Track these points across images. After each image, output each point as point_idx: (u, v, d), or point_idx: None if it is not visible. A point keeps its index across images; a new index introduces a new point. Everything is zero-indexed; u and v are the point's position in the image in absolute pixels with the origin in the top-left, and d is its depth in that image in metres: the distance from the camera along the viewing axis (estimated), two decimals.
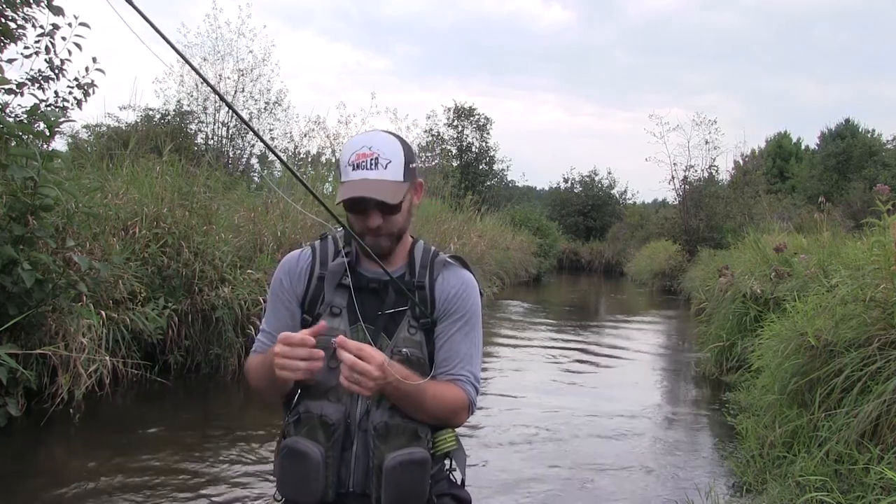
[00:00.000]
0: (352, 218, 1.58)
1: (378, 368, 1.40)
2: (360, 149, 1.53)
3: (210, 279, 6.10)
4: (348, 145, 1.57)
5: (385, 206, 1.52)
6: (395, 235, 1.59)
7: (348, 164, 1.54)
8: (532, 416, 5.59)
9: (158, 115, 15.92)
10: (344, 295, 1.60)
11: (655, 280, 20.64)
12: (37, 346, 4.41)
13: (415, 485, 1.52)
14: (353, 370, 1.38)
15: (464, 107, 32.09)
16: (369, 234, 1.56)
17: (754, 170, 22.98)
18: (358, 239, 1.57)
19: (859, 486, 2.97)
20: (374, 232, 1.55)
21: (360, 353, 1.40)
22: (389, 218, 1.55)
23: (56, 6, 4.97)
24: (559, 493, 4.02)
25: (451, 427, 1.63)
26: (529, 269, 21.47)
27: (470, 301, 1.65)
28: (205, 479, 3.88)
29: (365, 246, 1.56)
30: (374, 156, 1.52)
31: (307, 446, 1.50)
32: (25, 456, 4.14)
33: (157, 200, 6.26)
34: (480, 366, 1.69)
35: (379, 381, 1.41)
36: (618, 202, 37.51)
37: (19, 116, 5.04)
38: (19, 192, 4.38)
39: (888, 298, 3.68)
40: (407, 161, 1.56)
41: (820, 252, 6.18)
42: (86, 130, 11.52)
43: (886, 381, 3.26)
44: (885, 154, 32.78)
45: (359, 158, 1.52)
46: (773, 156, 38.10)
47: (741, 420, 4.90)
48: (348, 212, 1.57)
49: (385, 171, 1.52)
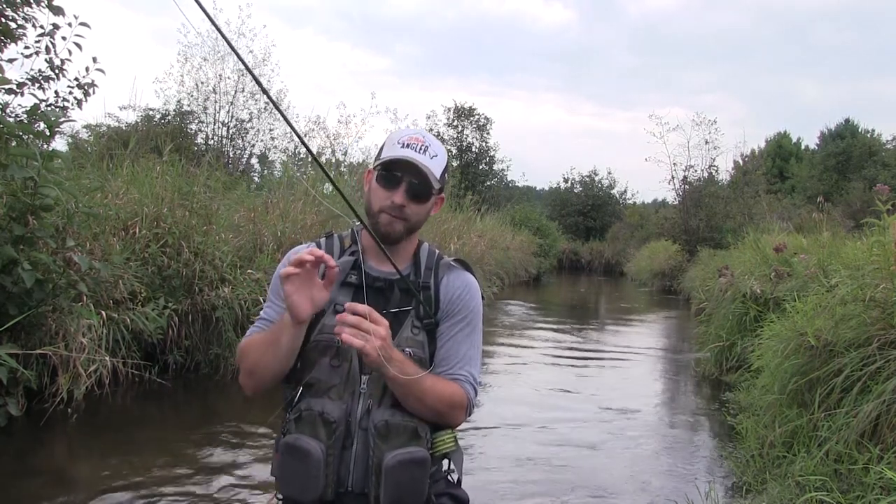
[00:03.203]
0: (379, 192, 1.59)
1: (385, 328, 1.43)
2: (414, 134, 1.62)
3: (210, 279, 6.10)
4: (399, 132, 1.64)
5: (417, 187, 1.57)
6: (409, 227, 1.61)
7: (397, 142, 1.59)
8: (531, 416, 5.59)
9: (158, 115, 15.91)
10: (348, 292, 1.61)
11: (655, 280, 20.65)
12: (37, 346, 4.41)
13: (414, 484, 1.52)
14: (360, 327, 1.40)
15: (464, 107, 32.11)
16: (387, 213, 1.57)
17: (754, 170, 22.95)
18: (370, 231, 1.57)
19: (859, 485, 2.97)
20: (396, 211, 1.57)
21: (370, 314, 1.42)
22: (413, 204, 1.58)
23: (56, 6, 4.97)
24: (558, 492, 4.01)
25: (449, 426, 1.63)
26: (529, 269, 21.47)
27: (473, 303, 1.67)
28: (205, 478, 3.88)
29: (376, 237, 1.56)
30: (425, 144, 1.60)
31: (308, 443, 1.50)
32: (25, 456, 4.14)
33: (157, 200, 6.26)
34: (480, 368, 1.70)
35: (386, 343, 1.42)
36: (618, 202, 37.51)
37: (19, 116, 5.04)
38: (19, 192, 4.38)
39: (888, 298, 3.67)
40: (446, 167, 1.65)
41: (820, 252, 6.18)
42: (86, 130, 11.51)
43: (886, 381, 3.25)
44: (884, 154, 32.79)
45: (410, 140, 1.59)
46: (773, 156, 38.10)
47: (741, 420, 4.90)
48: (379, 182, 1.59)
49: (430, 161, 1.58)
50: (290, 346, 1.52)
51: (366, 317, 1.42)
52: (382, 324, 1.43)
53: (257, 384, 1.61)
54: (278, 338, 1.50)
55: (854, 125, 37.00)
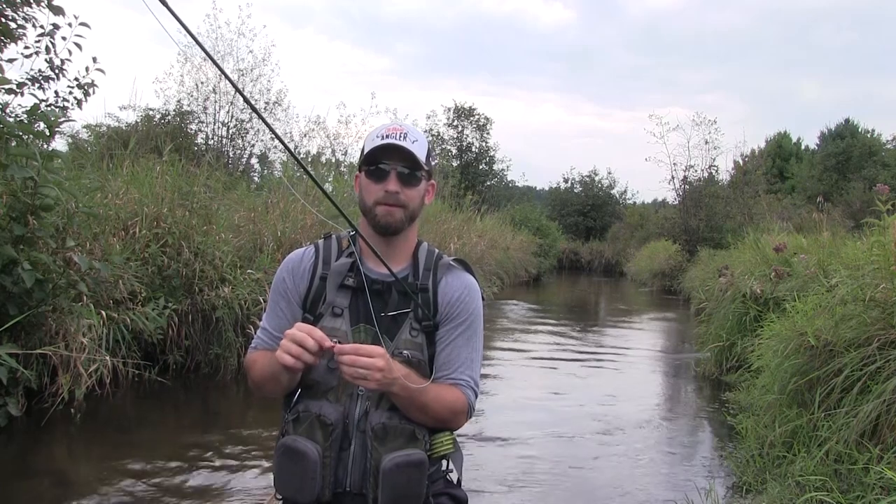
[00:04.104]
0: (370, 187, 1.60)
1: (381, 358, 1.42)
2: (391, 125, 1.63)
3: (210, 279, 6.10)
4: (375, 129, 1.65)
5: (406, 172, 1.58)
6: (409, 214, 1.61)
7: (377, 136, 1.60)
8: (531, 416, 5.59)
9: (158, 115, 15.88)
10: (346, 295, 1.60)
11: (655, 280, 20.63)
12: (37, 346, 4.41)
13: (412, 486, 1.51)
14: (355, 367, 1.39)
15: (464, 107, 32.13)
16: (383, 205, 1.58)
17: (754, 170, 22.92)
18: (361, 235, 1.58)
19: (859, 485, 2.97)
20: (392, 199, 1.57)
21: (357, 352, 1.41)
22: (406, 189, 1.59)
23: (56, 6, 4.97)
24: (558, 492, 4.02)
25: (449, 430, 1.63)
26: (529, 269, 21.47)
27: (472, 305, 1.66)
28: (205, 478, 3.88)
29: (371, 245, 1.57)
30: (404, 132, 1.61)
31: (305, 445, 1.50)
32: (25, 456, 4.14)
33: (157, 200, 6.26)
34: (480, 371, 1.69)
35: (386, 371, 1.42)
36: (618, 202, 37.50)
37: (19, 116, 5.04)
38: (19, 192, 4.38)
39: (888, 298, 3.67)
40: (429, 151, 1.65)
41: (820, 252, 6.18)
42: (86, 130, 11.50)
43: (886, 381, 3.25)
44: (884, 154, 32.77)
45: (389, 131, 1.60)
46: (772, 156, 38.03)
47: (741, 420, 4.89)
48: (370, 178, 1.60)
49: (412, 146, 1.59)
50: (292, 380, 1.55)
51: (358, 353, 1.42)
52: (377, 354, 1.42)
53: (265, 394, 1.65)
54: (278, 376, 1.52)
55: (854, 125, 36.97)
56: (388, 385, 1.44)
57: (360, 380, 1.41)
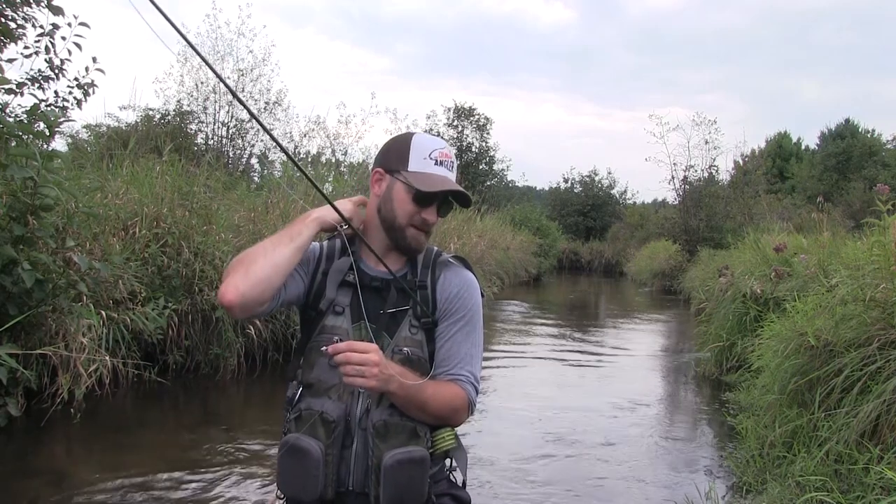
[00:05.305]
0: (408, 206, 1.58)
1: (375, 352, 1.42)
2: (443, 148, 1.61)
3: (210, 279, 6.10)
4: (424, 140, 1.62)
5: (449, 208, 1.64)
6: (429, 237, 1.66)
7: (430, 157, 1.59)
8: (531, 416, 5.59)
9: (158, 115, 15.90)
10: (346, 293, 1.61)
11: (655, 280, 20.64)
12: (37, 346, 4.41)
13: (413, 483, 1.51)
14: (350, 363, 1.40)
15: (464, 107, 32.10)
16: (416, 228, 1.59)
17: (754, 170, 22.95)
18: (361, 237, 1.59)
19: (859, 485, 2.97)
20: (426, 227, 1.60)
21: (350, 348, 1.41)
22: (438, 219, 1.63)
23: (56, 6, 4.97)
24: (558, 492, 4.02)
25: (450, 426, 1.63)
26: (529, 269, 21.47)
27: (471, 301, 1.66)
28: (205, 478, 3.88)
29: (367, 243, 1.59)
30: (452, 161, 1.63)
31: (308, 443, 1.50)
32: (25, 456, 4.14)
33: (157, 200, 6.26)
34: (480, 366, 1.69)
35: (382, 366, 1.42)
36: (618, 202, 37.51)
37: (19, 116, 5.04)
38: (19, 192, 4.38)
39: (888, 298, 3.67)
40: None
41: (820, 252, 6.17)
42: (86, 130, 11.53)
43: (886, 381, 3.25)
44: (884, 154, 32.79)
45: (442, 156, 1.60)
46: (773, 156, 38.05)
47: (741, 420, 4.90)
48: (416, 201, 1.58)
49: (454, 176, 1.63)
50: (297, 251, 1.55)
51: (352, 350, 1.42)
52: (370, 349, 1.42)
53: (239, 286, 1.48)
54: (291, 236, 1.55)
55: (854, 125, 36.99)
56: (386, 382, 1.44)
57: (358, 379, 1.41)
